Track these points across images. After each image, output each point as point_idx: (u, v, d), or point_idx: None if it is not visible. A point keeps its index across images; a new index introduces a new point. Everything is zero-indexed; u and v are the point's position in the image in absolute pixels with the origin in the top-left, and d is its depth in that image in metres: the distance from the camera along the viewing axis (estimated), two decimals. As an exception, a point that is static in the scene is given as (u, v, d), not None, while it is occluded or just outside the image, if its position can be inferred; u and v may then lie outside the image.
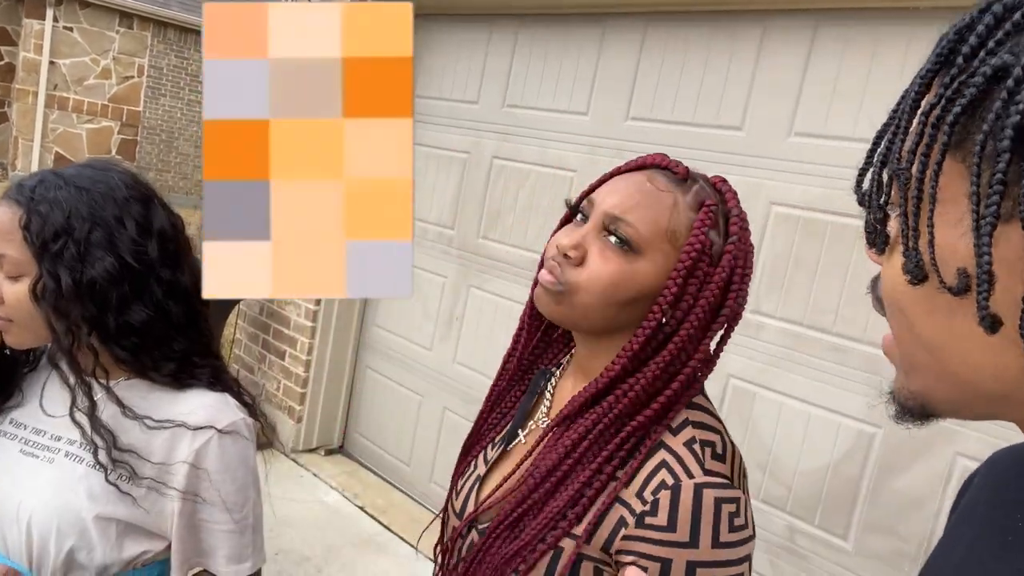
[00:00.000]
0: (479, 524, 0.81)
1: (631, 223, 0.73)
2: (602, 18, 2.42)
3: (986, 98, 0.32)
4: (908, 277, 0.36)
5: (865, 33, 1.84)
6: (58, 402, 0.96)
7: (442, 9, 2.87)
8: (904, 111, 0.37)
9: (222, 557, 0.96)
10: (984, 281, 0.32)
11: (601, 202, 0.75)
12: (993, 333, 0.33)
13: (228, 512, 0.96)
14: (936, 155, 0.34)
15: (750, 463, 2.04)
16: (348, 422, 3.35)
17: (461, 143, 2.87)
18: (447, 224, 2.92)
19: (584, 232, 0.75)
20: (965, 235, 0.33)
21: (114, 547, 0.91)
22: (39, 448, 0.94)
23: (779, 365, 1.99)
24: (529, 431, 0.84)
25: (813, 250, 1.93)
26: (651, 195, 0.74)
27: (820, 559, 1.92)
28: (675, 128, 2.21)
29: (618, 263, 0.73)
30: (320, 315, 3.17)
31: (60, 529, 0.89)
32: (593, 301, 0.73)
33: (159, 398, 0.95)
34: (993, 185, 0.31)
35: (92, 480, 0.90)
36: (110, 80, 9.66)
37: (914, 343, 0.38)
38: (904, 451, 1.78)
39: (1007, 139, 0.30)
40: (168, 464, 0.92)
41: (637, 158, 0.80)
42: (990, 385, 0.35)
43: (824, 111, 1.92)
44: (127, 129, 9.90)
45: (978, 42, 0.33)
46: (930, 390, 0.39)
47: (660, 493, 0.68)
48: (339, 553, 2.60)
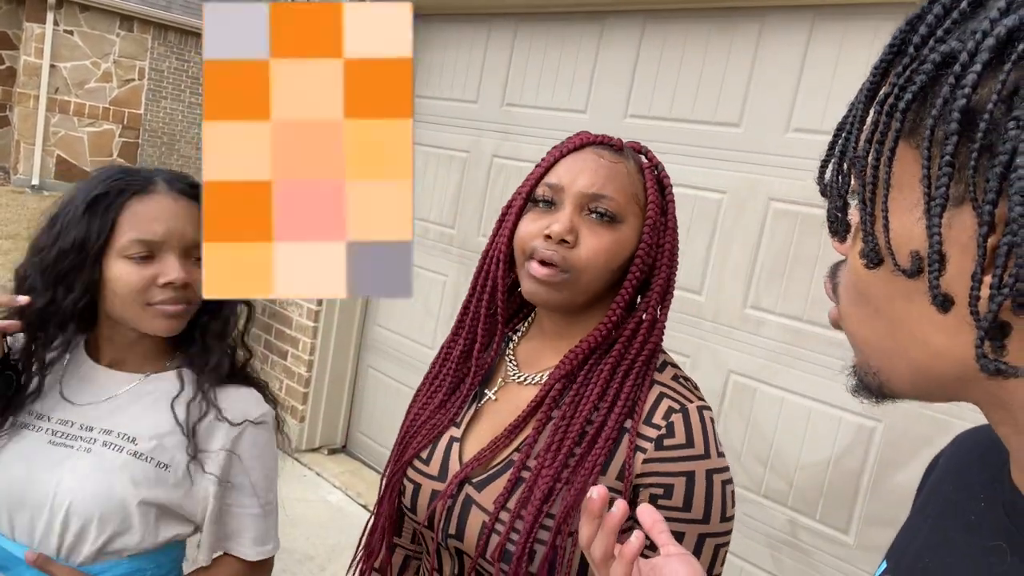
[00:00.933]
0: (473, 479, 0.83)
1: (610, 196, 0.80)
2: (600, 16, 2.42)
3: (936, 84, 0.33)
4: (864, 261, 0.37)
5: (862, 27, 1.85)
6: (84, 391, 0.99)
7: (441, 9, 2.88)
8: (860, 102, 0.38)
9: (248, 539, 1.02)
10: (935, 261, 0.33)
11: (572, 184, 0.81)
12: (945, 312, 0.34)
13: (256, 497, 1.03)
14: (890, 142, 0.35)
15: (751, 458, 2.05)
16: (351, 421, 3.37)
17: (461, 142, 2.88)
18: (448, 223, 2.93)
19: (567, 215, 0.80)
20: (920, 220, 0.34)
21: (151, 531, 0.96)
22: (70, 439, 0.96)
23: (779, 360, 2.00)
24: (499, 388, 0.89)
25: (812, 245, 1.93)
26: (611, 169, 0.82)
27: (822, 553, 1.93)
28: (673, 125, 2.21)
29: (608, 236, 0.80)
30: (322, 315, 3.19)
31: (103, 515, 0.92)
32: (594, 277, 0.81)
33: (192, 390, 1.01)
34: (943, 167, 0.32)
35: (134, 468, 0.94)
36: (111, 83, 9.67)
37: (876, 326, 0.39)
38: (904, 445, 1.78)
39: (955, 122, 0.31)
40: (208, 451, 0.99)
41: (569, 139, 0.86)
42: (947, 368, 0.36)
43: (821, 106, 1.92)
44: (128, 132, 9.92)
45: (928, 31, 0.34)
46: (889, 371, 0.40)
47: (672, 417, 0.78)
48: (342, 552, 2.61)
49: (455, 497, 0.83)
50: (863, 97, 0.37)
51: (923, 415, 1.75)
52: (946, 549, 0.44)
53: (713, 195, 2.12)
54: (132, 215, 0.95)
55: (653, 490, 0.77)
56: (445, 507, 0.83)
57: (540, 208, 0.83)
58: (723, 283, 2.10)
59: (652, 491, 0.77)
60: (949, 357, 0.36)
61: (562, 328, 0.87)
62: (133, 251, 0.94)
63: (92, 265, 0.93)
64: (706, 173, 2.11)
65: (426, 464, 0.87)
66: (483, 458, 0.83)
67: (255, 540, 1.03)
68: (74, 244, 0.93)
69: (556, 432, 0.79)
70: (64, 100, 9.42)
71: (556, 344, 0.87)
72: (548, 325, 0.88)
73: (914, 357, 0.37)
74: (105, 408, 0.98)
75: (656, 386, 0.81)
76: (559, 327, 0.87)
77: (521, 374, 0.88)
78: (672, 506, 0.76)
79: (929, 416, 1.74)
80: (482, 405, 0.89)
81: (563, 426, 0.79)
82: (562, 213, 0.80)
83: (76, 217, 0.94)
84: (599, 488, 0.59)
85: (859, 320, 0.40)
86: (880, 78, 0.37)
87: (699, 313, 2.12)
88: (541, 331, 0.90)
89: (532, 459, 0.80)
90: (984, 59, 0.31)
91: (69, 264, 0.93)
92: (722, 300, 2.10)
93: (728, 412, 2.08)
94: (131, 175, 0.98)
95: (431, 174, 2.96)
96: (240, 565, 1.03)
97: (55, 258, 0.94)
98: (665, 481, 0.76)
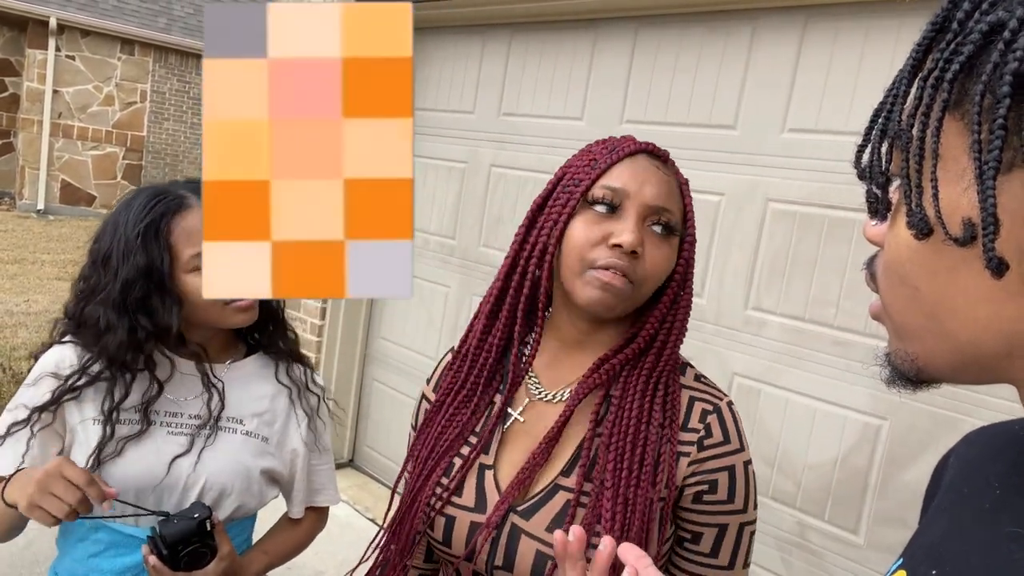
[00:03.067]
0: (517, 507, 0.80)
1: (672, 211, 0.80)
2: (593, 23, 2.45)
3: (982, 54, 0.33)
4: (914, 232, 0.36)
5: (855, 26, 1.86)
6: (186, 387, 1.12)
7: (436, 21, 2.91)
8: (902, 80, 0.38)
9: (329, 491, 1.26)
10: (990, 224, 0.32)
11: (638, 193, 0.79)
12: (999, 277, 0.33)
13: (329, 454, 1.26)
14: (936, 112, 0.35)
15: (758, 460, 2.04)
16: (357, 435, 3.36)
17: (459, 153, 2.89)
18: (448, 234, 2.94)
19: (634, 226, 0.78)
20: (968, 189, 0.34)
21: (264, 494, 1.16)
22: (187, 428, 1.10)
23: (783, 361, 2.00)
24: (524, 409, 0.85)
25: (811, 245, 1.94)
26: (669, 183, 0.82)
27: (832, 554, 1.91)
28: (670, 129, 2.23)
29: (667, 249, 0.81)
30: (325, 329, 3.19)
31: (236, 485, 1.11)
32: (649, 290, 0.81)
33: (272, 370, 1.20)
34: (995, 131, 0.32)
35: (250, 444, 1.13)
36: (113, 106, 9.76)
37: (914, 309, 0.39)
38: (910, 442, 1.78)
39: (1007, 85, 0.31)
40: (296, 420, 1.19)
41: (620, 142, 0.84)
42: (992, 343, 0.36)
43: (816, 106, 1.93)
44: (131, 154, 10.00)
45: (972, 5, 0.34)
46: (928, 354, 0.39)
47: (708, 419, 0.80)
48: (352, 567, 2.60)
49: (500, 528, 0.79)
50: (906, 75, 0.37)
51: (929, 412, 1.75)
52: (960, 538, 0.43)
53: (711, 197, 2.12)
54: (182, 232, 1.05)
55: (699, 487, 0.79)
56: (489, 538, 0.79)
57: (598, 211, 0.79)
58: (724, 285, 2.11)
59: (698, 488, 0.79)
60: (994, 330, 0.35)
61: (585, 337, 0.84)
62: (198, 263, 1.04)
63: (169, 285, 1.04)
64: (703, 176, 2.12)
65: (459, 496, 0.83)
66: (522, 483, 0.80)
67: (332, 490, 1.26)
68: (139, 273, 1.02)
69: (609, 450, 0.78)
70: (67, 124, 9.51)
71: (577, 356, 0.84)
72: (570, 334, 0.84)
73: (957, 335, 0.37)
74: (205, 398, 1.12)
75: (684, 391, 0.82)
76: (582, 337, 0.84)
77: (545, 390, 0.85)
78: (717, 500, 0.79)
79: (935, 413, 1.74)
80: (508, 427, 0.85)
81: (614, 444, 0.78)
82: (629, 222, 0.77)
83: (132, 248, 1.03)
84: (576, 529, 0.60)
85: (899, 304, 0.40)
86: (923, 55, 0.37)
87: (701, 316, 2.12)
88: (560, 342, 0.86)
89: (586, 481, 0.78)
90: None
91: (141, 291, 1.02)
92: (723, 302, 2.11)
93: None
94: (164, 196, 1.07)
95: (430, 186, 2.98)
96: (315, 513, 1.26)
97: (122, 290, 1.02)
98: (710, 478, 0.79)
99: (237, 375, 1.17)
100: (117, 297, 1.02)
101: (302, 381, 1.20)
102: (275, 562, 1.20)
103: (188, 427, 1.10)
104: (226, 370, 1.16)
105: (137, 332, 1.03)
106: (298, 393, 1.19)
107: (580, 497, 0.77)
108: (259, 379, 1.18)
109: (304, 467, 1.20)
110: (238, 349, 1.20)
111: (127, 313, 1.03)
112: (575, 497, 0.77)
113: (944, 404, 1.71)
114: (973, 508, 0.44)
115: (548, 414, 0.83)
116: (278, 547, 1.22)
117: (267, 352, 1.20)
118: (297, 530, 1.25)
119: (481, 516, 0.81)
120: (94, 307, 1.04)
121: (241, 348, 1.21)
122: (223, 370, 1.16)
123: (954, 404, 1.69)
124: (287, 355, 1.20)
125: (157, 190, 1.09)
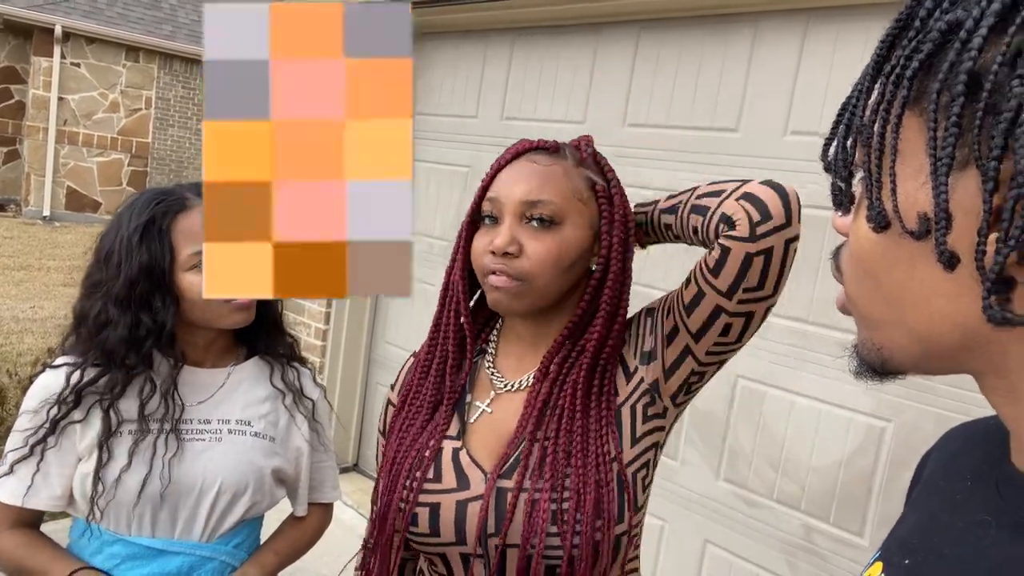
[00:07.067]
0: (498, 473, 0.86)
1: (546, 200, 0.83)
2: (596, 27, 2.45)
3: (941, 52, 0.34)
4: (872, 225, 0.37)
5: (856, 29, 1.87)
6: (186, 391, 1.12)
7: (438, 27, 2.92)
8: (866, 77, 0.39)
9: (329, 487, 1.29)
10: (942, 219, 0.34)
11: (508, 196, 0.84)
12: (951, 270, 0.34)
13: (330, 452, 1.29)
14: (896, 108, 0.36)
15: (763, 463, 2.04)
16: (361, 439, 3.36)
17: (461, 158, 2.90)
18: (451, 239, 2.94)
19: (508, 227, 0.83)
20: (924, 185, 0.35)
21: (274, 494, 1.18)
22: (198, 432, 1.11)
23: (786, 363, 1.99)
24: (491, 401, 0.91)
25: (814, 247, 1.93)
26: (545, 173, 0.85)
27: (838, 557, 1.90)
28: (671, 132, 2.23)
29: (550, 239, 0.83)
30: (330, 333, 3.20)
31: (250, 487, 1.12)
32: (549, 279, 0.84)
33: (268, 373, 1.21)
34: (948, 129, 0.33)
35: (259, 445, 1.15)
36: (118, 113, 9.82)
37: (877, 300, 0.40)
38: (915, 444, 1.77)
39: (960, 83, 0.32)
40: (298, 421, 1.21)
41: (507, 150, 0.90)
42: (949, 334, 0.37)
43: (818, 108, 1.93)
44: (137, 161, 10.05)
45: (933, 3, 0.35)
46: (892, 345, 0.40)
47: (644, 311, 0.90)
48: (355, 569, 2.59)
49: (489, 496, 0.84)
50: (869, 70, 0.38)
51: (933, 414, 1.74)
52: (933, 530, 0.45)
53: (714, 200, 2.12)
54: (183, 232, 1.06)
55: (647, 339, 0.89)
56: (485, 506, 0.83)
57: (487, 224, 0.87)
58: (727, 287, 2.10)
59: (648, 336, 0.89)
60: (950, 322, 0.36)
61: (536, 330, 0.90)
62: (196, 262, 1.05)
63: (168, 283, 1.05)
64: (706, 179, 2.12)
65: (439, 482, 0.85)
66: (507, 456, 0.85)
67: (333, 486, 1.29)
68: (141, 270, 1.03)
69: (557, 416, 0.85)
70: (73, 131, 9.57)
71: (536, 346, 0.91)
72: (523, 330, 0.91)
73: (916, 326, 0.38)
74: (211, 402, 1.13)
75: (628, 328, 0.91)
76: (533, 331, 0.90)
77: (508, 382, 0.91)
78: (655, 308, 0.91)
79: (940, 415, 1.73)
80: (478, 419, 0.89)
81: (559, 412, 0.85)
82: (503, 226, 0.84)
83: (133, 246, 1.04)
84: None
85: (863, 295, 0.41)
86: (886, 52, 0.38)
87: (704, 318, 2.12)
88: (518, 337, 0.92)
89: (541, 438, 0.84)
90: (989, 24, 0.32)
91: (142, 289, 1.04)
92: (727, 304, 2.10)
93: (737, 417, 2.07)
94: (166, 196, 1.09)
95: (433, 190, 2.98)
96: (320, 510, 1.28)
97: (124, 287, 1.03)
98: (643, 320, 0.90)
99: (240, 378, 1.18)
100: (121, 293, 1.03)
101: (296, 386, 1.22)
102: (285, 562, 1.22)
103: (201, 432, 1.11)
104: (228, 374, 1.17)
105: (139, 328, 1.04)
106: (293, 397, 1.21)
107: (532, 445, 0.84)
108: (259, 382, 1.20)
109: (308, 465, 1.22)
110: (239, 353, 1.22)
111: (130, 309, 1.04)
112: (527, 447, 0.84)
113: (949, 406, 1.71)
114: (947, 500, 0.46)
115: (515, 402, 0.89)
116: (287, 546, 1.24)
117: (264, 356, 1.22)
118: (304, 528, 1.27)
119: (467, 493, 0.84)
120: (97, 302, 1.05)
121: (242, 352, 1.22)
122: (224, 374, 1.17)
123: (958, 405, 1.68)
124: (283, 358, 1.23)
125: (160, 190, 1.11)
